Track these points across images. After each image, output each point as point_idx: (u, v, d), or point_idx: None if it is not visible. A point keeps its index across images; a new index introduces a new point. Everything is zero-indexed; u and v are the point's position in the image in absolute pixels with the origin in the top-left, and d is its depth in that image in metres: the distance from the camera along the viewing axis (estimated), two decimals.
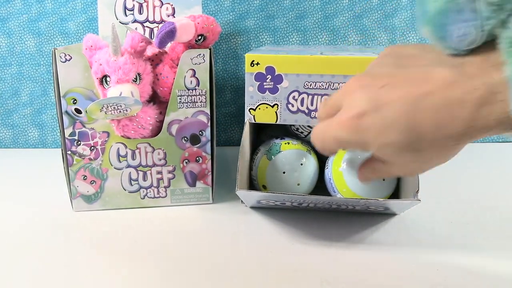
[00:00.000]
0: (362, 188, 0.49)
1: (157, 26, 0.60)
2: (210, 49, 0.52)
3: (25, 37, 0.74)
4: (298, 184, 0.52)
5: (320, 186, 0.54)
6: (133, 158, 0.53)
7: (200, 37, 0.52)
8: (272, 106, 0.52)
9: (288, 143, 0.54)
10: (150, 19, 0.59)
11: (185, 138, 0.54)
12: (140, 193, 0.55)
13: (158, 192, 0.55)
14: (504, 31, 0.28)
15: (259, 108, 0.52)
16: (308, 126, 0.55)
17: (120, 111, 0.49)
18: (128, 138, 0.53)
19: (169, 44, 0.52)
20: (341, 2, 0.73)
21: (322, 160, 0.54)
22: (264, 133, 0.61)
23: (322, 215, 0.53)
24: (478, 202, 0.56)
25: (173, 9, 0.59)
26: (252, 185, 0.56)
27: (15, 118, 0.77)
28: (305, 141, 0.56)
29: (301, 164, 0.52)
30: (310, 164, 0.53)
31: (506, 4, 0.27)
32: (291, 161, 0.52)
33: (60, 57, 0.49)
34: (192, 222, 0.52)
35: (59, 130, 0.52)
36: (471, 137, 0.30)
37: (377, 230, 0.49)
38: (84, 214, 0.54)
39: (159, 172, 0.54)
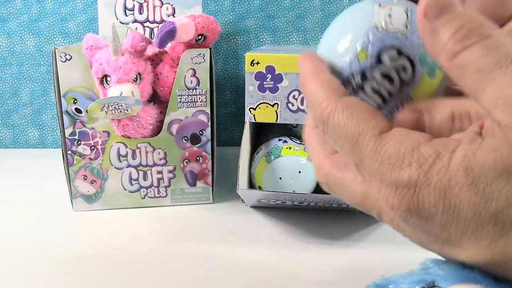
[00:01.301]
0: None
1: (157, 26, 0.60)
2: (210, 48, 0.52)
3: (25, 37, 0.74)
4: (293, 191, 0.52)
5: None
6: (134, 158, 0.53)
7: (200, 37, 0.52)
8: (272, 106, 0.52)
9: (290, 148, 0.53)
10: (150, 19, 0.59)
11: (186, 138, 0.54)
12: (140, 193, 0.55)
13: (159, 191, 0.55)
14: None
15: (259, 108, 0.52)
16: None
17: (120, 111, 0.49)
18: (129, 137, 0.53)
19: (169, 44, 0.52)
20: (341, 2, 0.73)
21: None
22: (269, 130, 0.60)
23: (322, 214, 0.53)
24: None
25: (173, 9, 0.60)
26: (252, 184, 0.56)
27: (15, 118, 0.77)
28: None
29: (299, 172, 0.52)
30: (309, 172, 0.52)
31: None
32: (289, 168, 0.52)
33: (61, 56, 0.49)
34: (192, 222, 0.52)
35: (59, 130, 0.52)
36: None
37: (377, 229, 0.49)
38: (84, 214, 0.54)
39: (159, 172, 0.54)
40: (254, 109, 0.52)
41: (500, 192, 0.18)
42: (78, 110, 0.51)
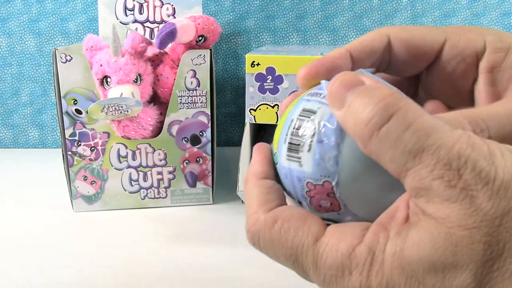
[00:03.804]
0: None
1: (158, 26, 0.59)
2: (210, 49, 0.52)
3: (25, 37, 0.74)
4: None
5: None
6: (134, 159, 0.53)
7: (200, 38, 0.52)
8: (273, 107, 0.52)
9: None
10: (151, 19, 0.59)
11: (186, 139, 0.54)
12: (140, 194, 0.55)
13: (159, 192, 0.55)
14: None
15: (260, 109, 0.52)
16: None
17: (121, 112, 0.49)
18: (129, 138, 0.53)
19: (169, 45, 0.52)
20: (341, 2, 0.73)
21: None
22: (269, 134, 0.60)
23: None
24: None
25: (174, 9, 0.59)
26: None
27: (15, 118, 0.77)
28: None
29: None
30: None
31: None
32: None
33: (61, 57, 0.49)
34: (192, 222, 0.52)
35: (59, 130, 0.52)
36: None
37: None
38: (84, 215, 0.54)
39: (159, 173, 0.54)
40: (255, 110, 0.52)
41: None
42: (78, 111, 0.51)
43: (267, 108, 0.52)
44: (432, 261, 0.18)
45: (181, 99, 0.52)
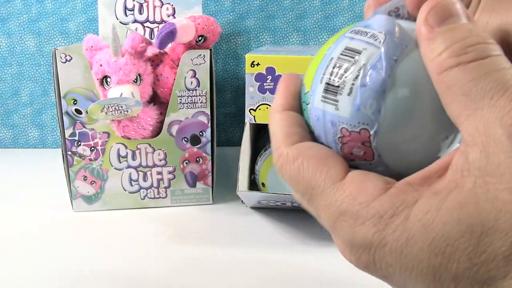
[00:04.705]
0: None
1: (157, 26, 0.59)
2: (210, 49, 0.52)
3: (25, 37, 0.74)
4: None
5: None
6: (134, 159, 0.53)
7: (200, 38, 0.52)
8: None
9: None
10: (151, 19, 0.59)
11: (186, 139, 0.54)
12: (140, 194, 0.55)
13: (158, 192, 0.55)
14: None
15: (260, 109, 0.52)
16: None
17: (121, 112, 0.49)
18: (129, 138, 0.53)
19: (169, 45, 0.52)
20: (341, 2, 0.73)
21: None
22: (269, 134, 0.61)
23: None
24: None
25: (173, 9, 0.59)
26: (253, 183, 0.56)
27: (15, 118, 0.77)
28: None
29: None
30: None
31: None
32: None
33: (61, 57, 0.49)
34: (192, 222, 0.52)
35: (59, 130, 0.52)
36: None
37: None
38: (84, 215, 0.54)
39: (159, 173, 0.54)
40: (254, 110, 0.52)
41: (462, 253, 0.17)
42: (78, 111, 0.51)
43: (267, 108, 0.52)
44: (472, 224, 0.16)
45: (181, 99, 0.52)
